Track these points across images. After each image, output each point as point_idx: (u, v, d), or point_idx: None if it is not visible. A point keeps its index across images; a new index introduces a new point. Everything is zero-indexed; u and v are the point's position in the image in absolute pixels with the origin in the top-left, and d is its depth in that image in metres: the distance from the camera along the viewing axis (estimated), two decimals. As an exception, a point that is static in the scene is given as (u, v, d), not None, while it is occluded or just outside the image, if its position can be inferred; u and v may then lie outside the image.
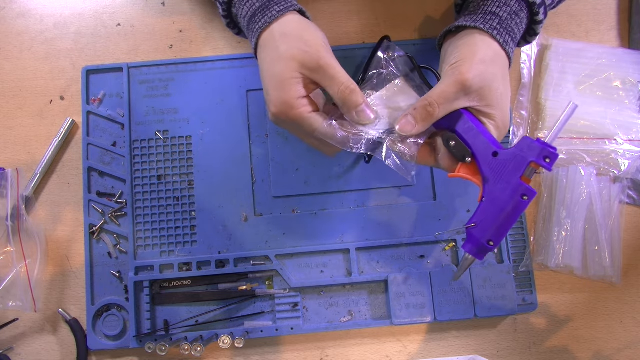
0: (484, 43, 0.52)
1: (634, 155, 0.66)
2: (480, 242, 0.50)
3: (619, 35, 0.71)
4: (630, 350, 0.65)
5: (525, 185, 0.49)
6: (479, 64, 0.50)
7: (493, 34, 0.52)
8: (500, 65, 0.52)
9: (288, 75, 0.50)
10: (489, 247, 0.50)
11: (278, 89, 0.51)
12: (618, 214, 0.65)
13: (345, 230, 0.65)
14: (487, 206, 0.49)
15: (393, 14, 0.71)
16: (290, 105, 0.50)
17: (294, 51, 0.50)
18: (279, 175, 0.66)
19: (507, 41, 0.53)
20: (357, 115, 0.51)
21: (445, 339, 0.65)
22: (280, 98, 0.50)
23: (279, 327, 0.63)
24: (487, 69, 0.51)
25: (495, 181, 0.49)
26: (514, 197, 0.48)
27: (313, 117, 0.51)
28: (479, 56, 0.51)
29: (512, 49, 0.54)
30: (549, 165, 0.48)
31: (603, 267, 0.64)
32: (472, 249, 0.51)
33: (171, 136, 0.67)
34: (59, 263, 0.66)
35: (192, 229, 0.65)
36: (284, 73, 0.50)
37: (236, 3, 0.55)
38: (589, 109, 0.67)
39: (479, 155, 0.50)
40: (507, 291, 0.63)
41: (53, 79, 0.70)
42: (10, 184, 0.65)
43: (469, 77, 0.49)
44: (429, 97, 0.51)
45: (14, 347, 0.65)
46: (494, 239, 0.50)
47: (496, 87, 0.51)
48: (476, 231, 0.50)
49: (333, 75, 0.50)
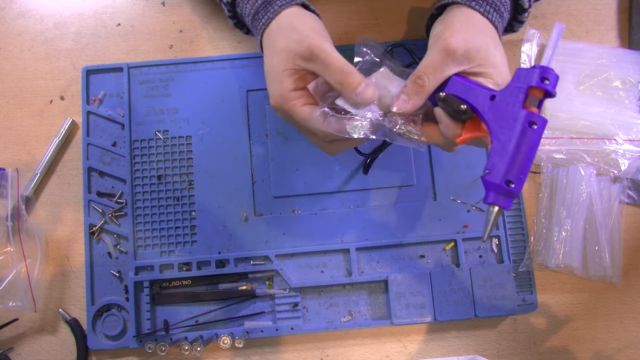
0: (462, 14, 0.52)
1: (634, 155, 0.66)
2: (500, 186, 0.45)
3: (619, 35, 0.71)
4: (630, 350, 0.65)
5: (531, 112, 0.45)
6: (461, 30, 0.50)
7: (471, 5, 0.52)
8: (485, 33, 0.52)
9: (281, 67, 0.50)
10: (510, 189, 0.45)
11: (274, 82, 0.51)
12: (618, 214, 0.65)
13: (345, 230, 0.65)
14: (497, 148, 0.46)
15: (393, 13, 0.71)
16: (284, 98, 0.50)
17: (288, 42, 0.50)
18: (279, 175, 0.66)
19: (488, 10, 0.52)
20: (358, 97, 0.48)
21: (445, 339, 0.65)
22: (276, 91, 0.50)
23: (279, 327, 0.63)
24: (471, 33, 0.50)
25: (500, 123, 0.46)
26: (522, 129, 0.45)
27: (304, 110, 0.50)
28: (460, 24, 0.51)
29: (498, 21, 0.53)
30: (549, 87, 0.45)
31: (603, 267, 0.64)
32: (493, 197, 0.46)
33: (171, 136, 0.67)
34: (59, 263, 0.66)
35: (192, 229, 0.65)
36: (278, 66, 0.50)
37: (239, 2, 0.55)
38: (589, 109, 0.67)
39: (477, 105, 0.48)
40: (507, 291, 0.63)
41: (53, 79, 0.70)
42: (10, 184, 0.65)
43: (452, 41, 0.49)
44: (417, 70, 0.50)
45: (14, 347, 0.65)
46: (513, 179, 0.45)
47: (485, 48, 0.50)
48: (491, 176, 0.46)
49: (327, 61, 0.48)
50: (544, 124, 0.45)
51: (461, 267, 0.64)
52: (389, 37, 0.70)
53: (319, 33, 0.51)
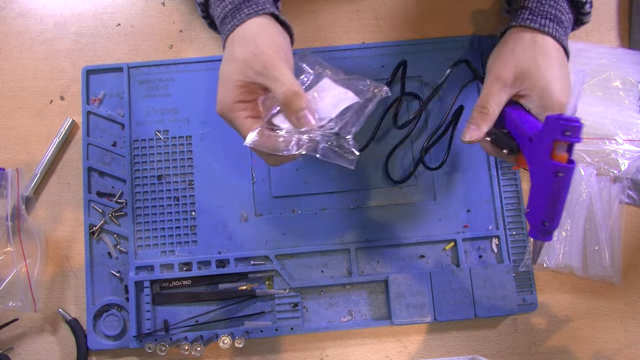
0: (514, 37, 0.57)
1: (634, 155, 0.66)
2: (538, 224, 0.50)
3: (619, 35, 0.71)
4: (630, 350, 0.65)
5: (555, 162, 0.47)
6: (509, 54, 0.55)
7: (525, 24, 0.56)
8: (535, 51, 0.55)
9: (232, 77, 0.50)
10: (545, 227, 0.50)
11: (222, 88, 0.50)
12: (618, 214, 0.65)
13: (345, 230, 0.65)
14: (534, 190, 0.51)
15: (393, 14, 0.71)
16: (228, 107, 0.50)
17: (245, 54, 0.49)
18: (279, 175, 0.66)
19: (544, 24, 0.56)
20: (298, 120, 0.49)
21: (445, 339, 0.65)
22: (223, 99, 0.50)
23: (279, 327, 0.63)
24: (518, 58, 0.55)
25: (536, 166, 0.50)
26: (551, 178, 0.48)
27: (246, 122, 0.50)
28: (509, 52, 0.56)
29: (556, 30, 0.56)
30: (572, 138, 0.47)
31: (603, 267, 0.64)
32: (534, 233, 0.51)
33: (171, 136, 0.67)
34: (59, 263, 0.66)
35: (192, 229, 0.65)
36: (229, 74, 0.50)
37: (212, 4, 0.55)
38: (589, 109, 0.67)
39: (521, 144, 0.52)
40: (507, 291, 0.63)
41: (53, 79, 0.70)
42: (10, 184, 0.65)
43: (502, 71, 0.54)
44: (479, 101, 0.55)
45: (14, 347, 0.65)
46: (547, 220, 0.50)
47: (534, 70, 0.54)
48: (530, 216, 0.51)
49: (277, 77, 0.48)
50: (570, 170, 0.47)
51: (461, 267, 0.64)
52: (389, 37, 0.70)
53: (278, 49, 0.50)
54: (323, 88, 0.53)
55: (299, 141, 0.50)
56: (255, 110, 0.51)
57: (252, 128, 0.50)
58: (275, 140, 0.50)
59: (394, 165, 0.66)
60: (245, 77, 0.49)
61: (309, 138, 0.50)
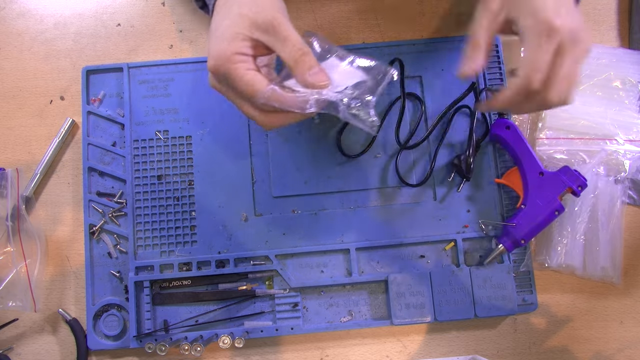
0: None
1: (634, 156, 0.66)
2: (517, 239, 0.62)
3: (619, 35, 0.71)
4: (630, 350, 0.65)
5: (560, 203, 0.61)
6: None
7: None
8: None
9: (234, 29, 0.46)
10: (521, 244, 0.62)
11: (220, 42, 0.47)
12: (620, 214, 0.65)
13: (345, 230, 0.65)
14: (527, 213, 0.62)
15: (393, 14, 0.71)
16: (227, 59, 0.46)
17: (246, 10, 0.47)
18: (279, 175, 0.66)
19: None
20: (311, 77, 0.47)
21: (445, 339, 0.65)
22: (219, 50, 0.46)
23: (279, 327, 0.63)
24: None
25: (537, 195, 0.62)
26: (550, 210, 0.61)
27: (253, 76, 0.47)
28: None
29: None
30: (580, 193, 0.61)
31: (604, 267, 0.64)
32: (507, 243, 0.62)
33: (171, 136, 0.67)
34: (59, 263, 0.66)
35: (192, 229, 0.65)
36: (230, 27, 0.46)
37: None
38: (589, 109, 0.67)
39: (528, 171, 0.62)
40: (507, 291, 0.63)
41: (53, 79, 0.70)
42: (10, 184, 0.65)
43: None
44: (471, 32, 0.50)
45: (14, 347, 0.65)
46: (525, 239, 0.62)
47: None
48: (515, 230, 0.62)
49: (285, 36, 0.46)
50: (562, 211, 0.62)
51: (461, 267, 0.64)
52: (389, 37, 0.70)
53: (283, 12, 0.49)
54: (332, 65, 0.52)
55: (318, 101, 0.48)
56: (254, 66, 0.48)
57: (254, 79, 0.47)
58: (293, 96, 0.47)
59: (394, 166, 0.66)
60: (249, 31, 0.46)
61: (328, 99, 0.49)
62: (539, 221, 0.61)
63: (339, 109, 0.49)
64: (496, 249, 0.63)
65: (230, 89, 0.49)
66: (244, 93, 0.48)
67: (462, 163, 0.64)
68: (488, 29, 0.50)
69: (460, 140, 0.67)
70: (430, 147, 0.67)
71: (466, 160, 0.64)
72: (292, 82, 0.49)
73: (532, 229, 0.62)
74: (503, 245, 0.63)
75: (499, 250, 0.63)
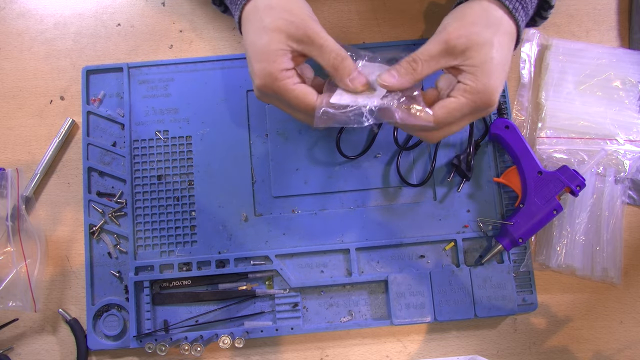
0: (481, 7, 0.51)
1: (634, 156, 0.66)
2: (515, 238, 0.62)
3: (619, 35, 0.71)
4: (630, 350, 0.65)
5: (558, 202, 0.61)
6: (469, 25, 0.49)
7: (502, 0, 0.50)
8: (497, 31, 0.50)
9: (274, 47, 0.48)
10: (519, 243, 0.62)
11: (262, 60, 0.49)
12: (620, 214, 0.65)
13: (345, 230, 0.65)
14: (525, 212, 0.62)
15: (393, 13, 0.71)
16: (274, 77, 0.49)
17: (280, 22, 0.48)
18: (279, 175, 0.66)
19: (516, 8, 0.51)
20: (352, 82, 0.49)
21: (445, 339, 0.65)
22: (265, 70, 0.49)
23: (279, 327, 0.63)
24: (477, 30, 0.49)
25: (535, 194, 0.62)
26: (548, 210, 0.62)
27: (302, 90, 0.49)
28: (471, 19, 0.50)
29: (522, 19, 0.52)
30: (578, 192, 0.62)
31: (604, 267, 0.64)
32: (505, 241, 0.63)
33: (171, 136, 0.67)
34: (59, 263, 0.66)
35: (192, 229, 0.65)
36: (269, 45, 0.48)
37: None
38: (589, 109, 0.67)
39: (527, 170, 0.62)
40: (507, 291, 0.63)
41: (53, 79, 0.70)
42: (10, 184, 0.65)
43: (453, 36, 0.49)
44: (414, 54, 0.50)
45: (14, 347, 0.65)
46: (523, 237, 0.62)
47: (486, 51, 0.49)
48: (513, 229, 0.62)
49: (322, 44, 0.48)
50: (561, 211, 0.62)
51: (461, 267, 0.64)
52: (389, 37, 0.70)
53: (312, 16, 0.50)
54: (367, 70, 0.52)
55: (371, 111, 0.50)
56: (301, 78, 0.50)
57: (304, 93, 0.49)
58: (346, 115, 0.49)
59: (394, 166, 0.66)
60: (287, 45, 0.48)
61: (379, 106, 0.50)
62: (537, 220, 0.62)
63: (394, 113, 0.50)
64: (494, 248, 0.63)
65: (281, 102, 0.52)
66: (296, 107, 0.50)
67: (462, 163, 0.64)
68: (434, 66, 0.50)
69: (459, 140, 0.67)
70: (430, 147, 0.67)
71: (466, 160, 0.64)
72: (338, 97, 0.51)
73: (530, 228, 0.62)
74: (501, 243, 0.63)
75: (497, 249, 0.63)
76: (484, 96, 0.49)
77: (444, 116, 0.50)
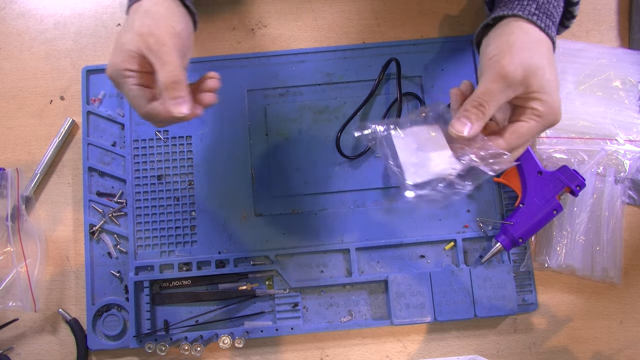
0: (521, 30, 0.51)
1: (634, 156, 0.66)
2: (515, 238, 0.62)
3: (619, 35, 0.71)
4: (630, 350, 0.65)
5: (558, 202, 0.61)
6: (519, 52, 0.50)
7: (533, 19, 0.51)
8: (543, 51, 0.51)
9: (127, 47, 0.51)
10: (519, 243, 0.62)
11: (116, 54, 0.51)
12: (620, 214, 0.65)
13: (345, 230, 0.65)
14: (525, 212, 0.62)
15: (393, 14, 0.71)
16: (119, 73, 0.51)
17: (142, 28, 0.51)
18: (279, 175, 0.66)
19: (548, 25, 0.52)
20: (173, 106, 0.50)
21: (445, 339, 0.65)
22: (114, 62, 0.51)
23: (279, 327, 0.63)
24: (528, 56, 0.50)
25: (535, 194, 0.62)
26: (548, 210, 0.61)
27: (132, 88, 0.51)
28: (518, 45, 0.50)
29: (554, 33, 0.53)
30: (578, 192, 0.61)
31: (604, 267, 0.64)
32: (505, 241, 0.63)
33: (171, 136, 0.67)
34: (59, 263, 0.66)
35: (192, 229, 0.65)
36: (126, 44, 0.51)
37: None
38: (589, 109, 0.67)
39: (526, 170, 0.63)
40: (507, 291, 0.63)
41: (53, 79, 0.70)
42: (10, 184, 0.65)
43: (510, 69, 0.49)
44: (476, 97, 0.50)
45: (14, 347, 0.65)
46: (523, 237, 0.62)
47: (541, 74, 0.50)
48: (513, 229, 0.62)
49: (165, 61, 0.50)
50: (561, 210, 0.62)
51: (461, 267, 0.64)
52: (389, 37, 0.70)
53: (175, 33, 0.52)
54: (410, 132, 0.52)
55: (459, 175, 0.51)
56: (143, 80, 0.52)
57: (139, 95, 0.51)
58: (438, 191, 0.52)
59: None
60: (137, 49, 0.51)
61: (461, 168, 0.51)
62: (537, 220, 0.62)
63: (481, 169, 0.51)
64: (494, 248, 0.63)
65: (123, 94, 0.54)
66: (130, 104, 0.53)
67: None
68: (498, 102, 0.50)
69: (460, 140, 0.67)
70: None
71: None
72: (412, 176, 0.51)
73: (530, 228, 0.62)
74: (501, 243, 0.63)
75: (496, 249, 0.63)
76: (551, 115, 0.51)
77: (516, 141, 0.51)
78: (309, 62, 0.68)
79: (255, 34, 0.70)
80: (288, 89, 0.68)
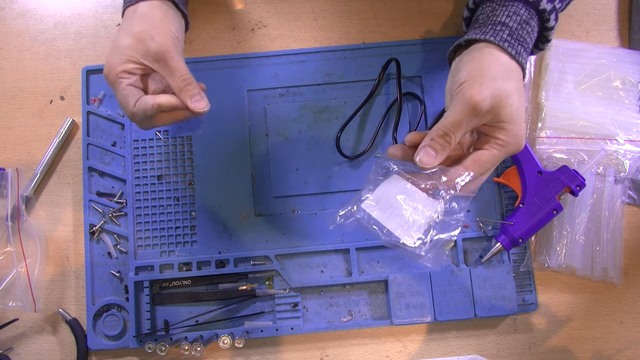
0: (493, 57, 0.51)
1: (634, 156, 0.66)
2: (515, 238, 0.62)
3: (619, 35, 0.71)
4: (630, 350, 0.65)
5: (558, 202, 0.61)
6: (489, 82, 0.49)
7: (504, 46, 0.51)
8: (513, 80, 0.51)
9: (125, 50, 0.52)
10: (519, 243, 0.62)
11: (114, 55, 0.53)
12: (619, 214, 0.65)
13: (345, 230, 0.65)
14: (525, 212, 0.62)
15: (393, 13, 0.71)
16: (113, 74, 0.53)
17: (142, 34, 0.52)
18: (279, 175, 0.66)
19: (520, 52, 0.52)
20: (194, 104, 0.53)
21: (445, 339, 0.65)
22: (111, 62, 0.53)
23: (279, 327, 0.63)
24: (498, 86, 0.49)
25: (535, 194, 0.62)
26: (548, 209, 0.61)
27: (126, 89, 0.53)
28: (489, 74, 0.49)
29: (525, 60, 0.53)
30: (577, 192, 0.61)
31: (604, 267, 0.64)
32: (505, 241, 0.63)
33: (171, 136, 0.67)
34: (59, 263, 0.66)
35: (192, 229, 0.65)
36: (125, 47, 0.52)
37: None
38: (589, 109, 0.67)
39: (526, 170, 0.62)
40: (507, 291, 0.63)
41: (53, 79, 0.70)
42: (10, 184, 0.65)
43: (479, 99, 0.48)
44: (443, 126, 0.50)
45: (14, 347, 0.65)
46: (523, 237, 0.62)
47: (510, 104, 0.49)
48: (513, 229, 0.62)
49: (174, 67, 0.53)
50: (561, 210, 0.62)
51: (461, 267, 0.64)
52: (389, 37, 0.70)
53: (174, 37, 0.54)
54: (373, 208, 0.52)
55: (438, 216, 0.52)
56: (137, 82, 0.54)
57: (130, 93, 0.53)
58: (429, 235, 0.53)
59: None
60: (138, 55, 0.52)
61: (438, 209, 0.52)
62: (537, 220, 0.62)
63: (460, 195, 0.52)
64: (494, 248, 0.63)
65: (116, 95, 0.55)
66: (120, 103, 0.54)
67: None
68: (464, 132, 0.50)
69: (460, 140, 0.66)
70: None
71: None
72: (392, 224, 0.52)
73: (530, 228, 0.62)
74: (501, 243, 0.63)
75: (496, 249, 0.63)
76: (514, 145, 0.51)
77: (478, 169, 0.51)
78: (309, 62, 0.68)
79: (255, 34, 0.70)
80: (288, 89, 0.68)
